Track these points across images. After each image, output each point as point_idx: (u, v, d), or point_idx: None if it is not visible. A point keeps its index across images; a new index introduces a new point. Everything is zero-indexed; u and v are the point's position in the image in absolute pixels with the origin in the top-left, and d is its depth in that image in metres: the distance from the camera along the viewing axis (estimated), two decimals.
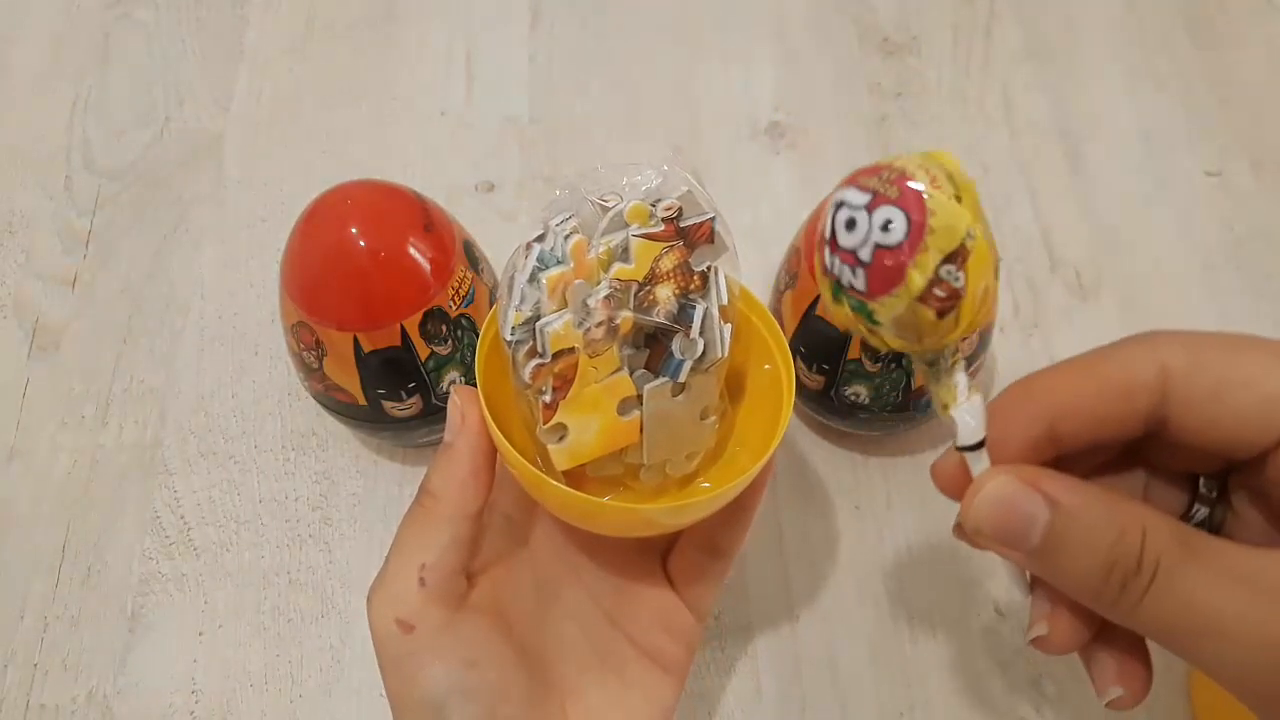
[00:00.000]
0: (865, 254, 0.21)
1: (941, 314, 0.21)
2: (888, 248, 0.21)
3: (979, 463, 0.24)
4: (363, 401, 0.38)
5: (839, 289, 0.22)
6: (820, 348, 0.39)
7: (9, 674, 0.39)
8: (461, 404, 0.29)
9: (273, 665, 0.40)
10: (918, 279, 0.21)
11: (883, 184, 0.21)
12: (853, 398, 0.39)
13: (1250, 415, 0.22)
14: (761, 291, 0.44)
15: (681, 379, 0.29)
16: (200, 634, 0.40)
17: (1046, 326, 0.47)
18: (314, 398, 0.41)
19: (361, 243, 0.35)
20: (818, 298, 0.38)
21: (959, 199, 0.21)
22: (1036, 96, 0.55)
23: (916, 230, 0.20)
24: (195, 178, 0.52)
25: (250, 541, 0.42)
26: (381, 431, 0.42)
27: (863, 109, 0.54)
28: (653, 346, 0.29)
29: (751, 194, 0.51)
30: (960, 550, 0.42)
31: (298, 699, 0.39)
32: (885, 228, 0.21)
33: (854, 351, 0.37)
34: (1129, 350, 0.24)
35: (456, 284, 0.37)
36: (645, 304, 0.28)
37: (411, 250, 0.36)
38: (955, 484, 0.25)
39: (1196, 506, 0.26)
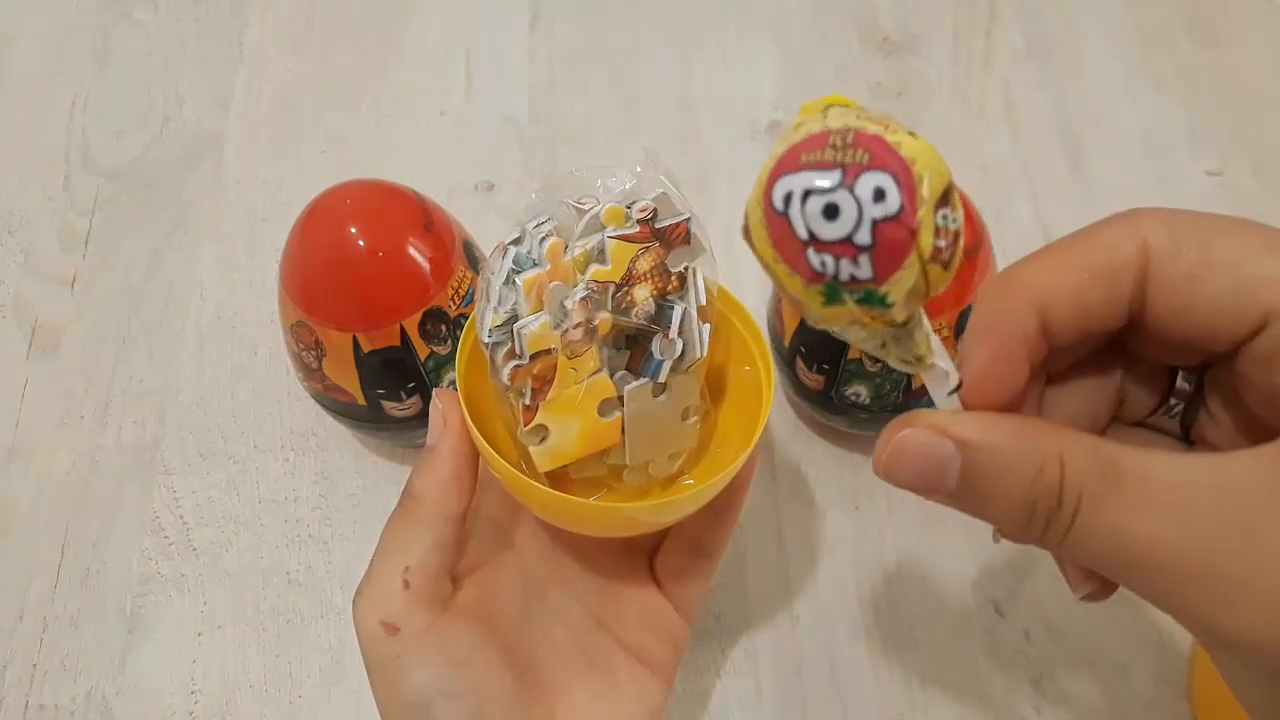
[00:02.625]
0: (863, 236, 0.18)
1: (948, 264, 0.19)
2: (891, 219, 0.18)
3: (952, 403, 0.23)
4: (362, 402, 0.38)
5: (835, 289, 0.19)
6: (820, 348, 0.39)
7: (8, 674, 0.39)
8: (443, 407, 0.29)
9: (272, 666, 0.40)
10: (926, 238, 0.18)
11: (841, 152, 0.18)
12: (853, 398, 0.39)
13: (1224, 302, 0.21)
14: (761, 291, 0.44)
15: (662, 379, 0.29)
16: (199, 634, 0.40)
17: None
18: (313, 398, 0.41)
19: (361, 243, 0.35)
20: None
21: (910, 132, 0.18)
22: (1036, 96, 0.55)
23: (910, 187, 0.18)
24: (195, 178, 0.52)
25: (249, 542, 0.42)
26: (381, 431, 0.42)
27: None
28: (633, 348, 0.30)
29: None
30: (960, 550, 0.42)
31: (297, 699, 0.39)
32: (879, 198, 0.18)
33: (854, 352, 0.37)
34: (1110, 229, 0.22)
35: (456, 284, 0.37)
36: (623, 305, 0.28)
37: (411, 250, 0.36)
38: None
39: (1173, 401, 0.25)
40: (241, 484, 0.44)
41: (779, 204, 0.19)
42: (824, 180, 0.18)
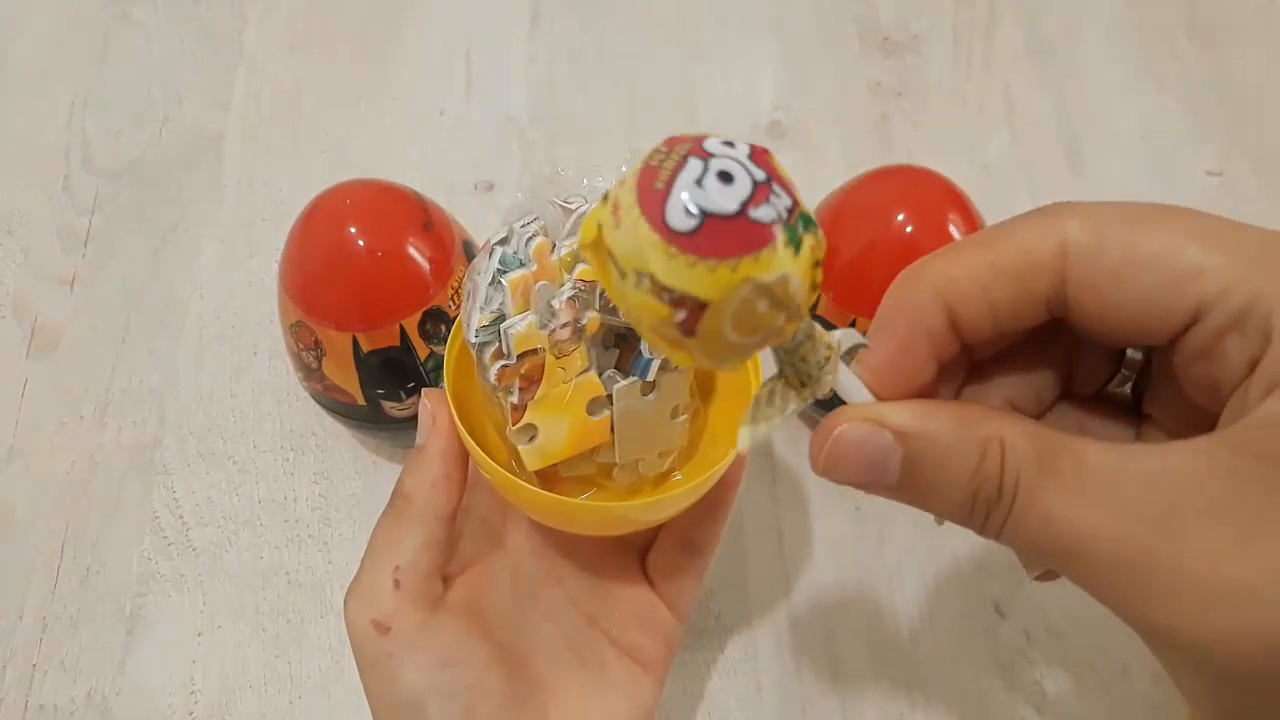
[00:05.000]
0: (758, 174, 0.18)
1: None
2: (752, 158, 0.18)
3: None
4: (362, 402, 0.38)
5: (793, 231, 0.18)
6: None
7: (8, 674, 0.39)
8: (431, 406, 0.29)
9: (272, 666, 0.40)
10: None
11: (669, 158, 0.18)
12: None
13: (1153, 300, 0.20)
14: None
15: (650, 378, 0.29)
16: (199, 635, 0.40)
17: None
18: (313, 398, 0.41)
19: (361, 242, 0.35)
20: (819, 299, 0.38)
21: None
22: (1037, 96, 0.55)
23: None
24: (194, 178, 0.52)
25: (249, 542, 0.42)
26: (380, 432, 0.42)
27: (863, 108, 0.54)
28: (622, 346, 0.30)
29: None
30: (960, 550, 0.42)
31: (297, 700, 0.39)
32: (732, 146, 0.18)
33: None
34: (1027, 225, 0.21)
35: (456, 284, 0.37)
36: (611, 304, 0.28)
37: (411, 250, 0.36)
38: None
39: (1125, 371, 0.24)
40: (241, 484, 0.44)
41: (689, 210, 0.17)
42: (695, 167, 0.18)
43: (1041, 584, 0.40)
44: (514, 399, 0.28)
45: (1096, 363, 0.24)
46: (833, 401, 0.22)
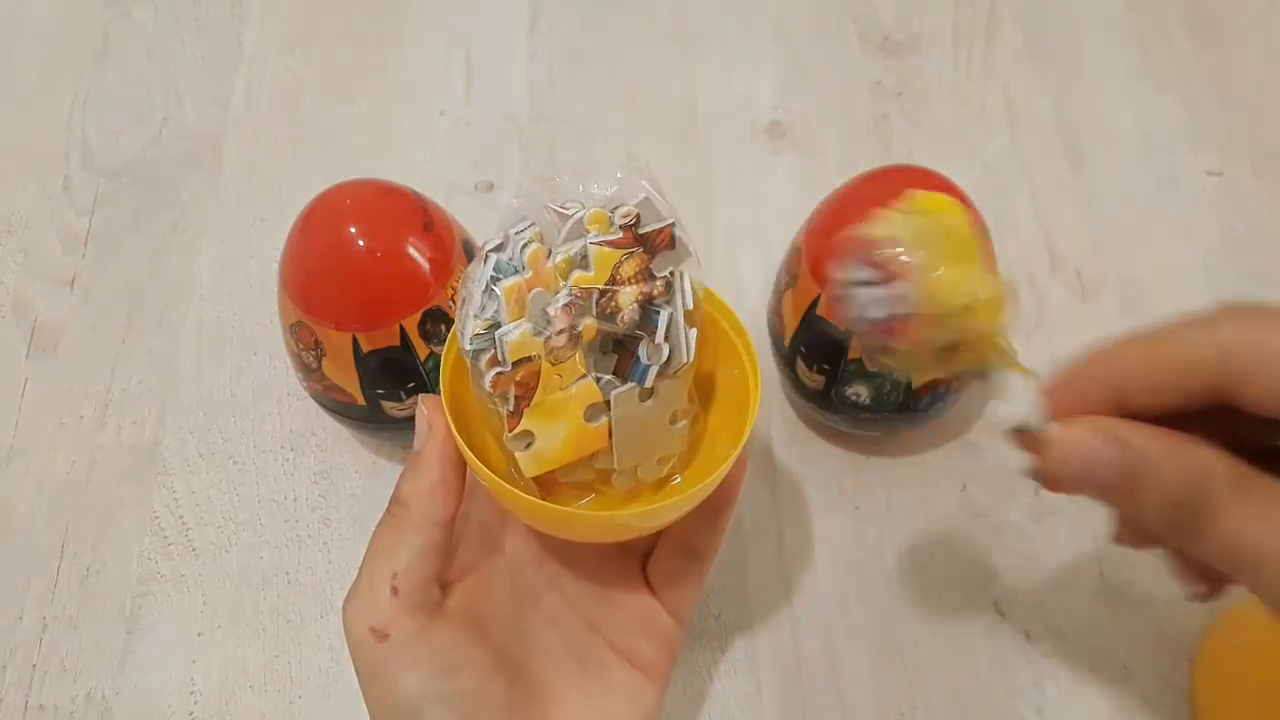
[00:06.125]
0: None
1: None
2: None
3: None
4: (362, 401, 0.38)
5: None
6: (821, 348, 0.38)
7: (8, 674, 0.39)
8: (428, 412, 0.29)
9: (271, 666, 0.40)
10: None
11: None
12: (854, 398, 0.39)
13: None
14: (762, 291, 0.44)
15: (648, 384, 0.29)
16: (199, 634, 0.40)
17: (1047, 327, 0.47)
18: (313, 398, 0.41)
19: (360, 242, 0.35)
20: (818, 297, 0.38)
21: None
22: (1037, 97, 0.55)
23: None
24: (194, 178, 0.52)
25: (249, 542, 0.42)
26: (380, 432, 0.42)
27: (863, 108, 0.54)
28: (620, 352, 0.30)
29: (752, 194, 0.51)
30: (960, 551, 0.42)
31: (296, 700, 0.39)
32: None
33: (855, 351, 0.37)
34: (1191, 331, 0.24)
35: (456, 284, 0.37)
36: (608, 311, 0.28)
37: (411, 250, 0.36)
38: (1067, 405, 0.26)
39: None
40: (241, 484, 0.44)
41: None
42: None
43: (1043, 584, 0.41)
44: (509, 406, 0.28)
45: (1263, 424, 0.26)
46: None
